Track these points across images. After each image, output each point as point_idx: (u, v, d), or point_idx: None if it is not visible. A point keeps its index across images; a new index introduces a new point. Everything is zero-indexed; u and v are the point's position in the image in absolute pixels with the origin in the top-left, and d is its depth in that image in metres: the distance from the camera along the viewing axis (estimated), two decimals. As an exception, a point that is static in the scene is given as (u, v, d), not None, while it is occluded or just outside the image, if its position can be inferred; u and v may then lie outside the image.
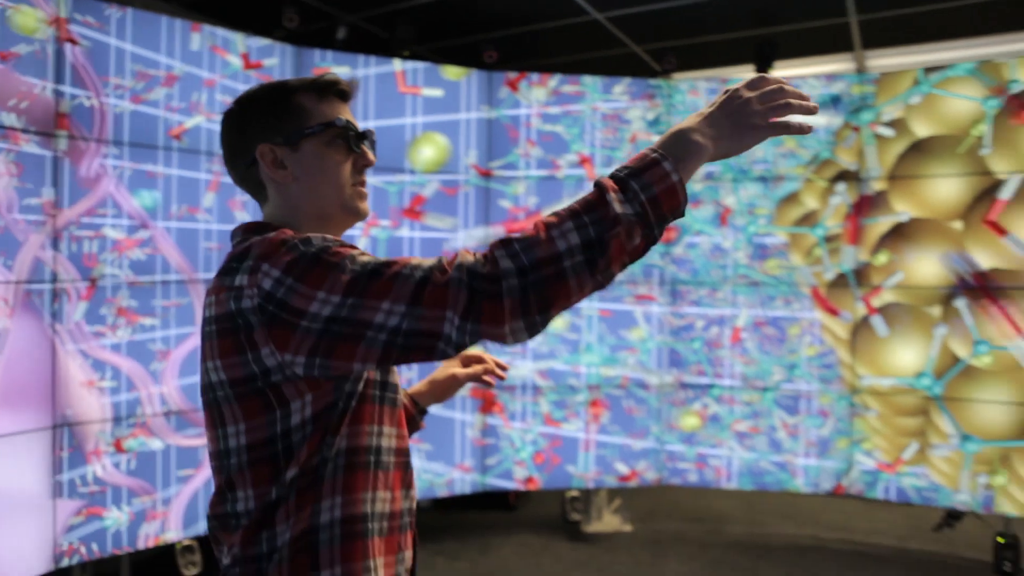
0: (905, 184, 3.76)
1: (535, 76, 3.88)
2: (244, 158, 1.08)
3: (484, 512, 4.42)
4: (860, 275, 3.85)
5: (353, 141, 1.09)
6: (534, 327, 0.87)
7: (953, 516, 3.79)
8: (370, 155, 1.11)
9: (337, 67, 3.48)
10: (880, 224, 3.80)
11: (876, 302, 3.81)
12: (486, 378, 1.39)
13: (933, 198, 3.71)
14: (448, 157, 3.78)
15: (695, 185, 3.96)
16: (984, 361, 3.59)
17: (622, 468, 4.00)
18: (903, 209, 3.76)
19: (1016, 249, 3.53)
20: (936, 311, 3.69)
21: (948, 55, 4.28)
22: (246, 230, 1.07)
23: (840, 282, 3.88)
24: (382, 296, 0.88)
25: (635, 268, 3.95)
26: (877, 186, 3.81)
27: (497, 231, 3.86)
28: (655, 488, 4.52)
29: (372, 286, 0.89)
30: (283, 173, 1.07)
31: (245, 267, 0.95)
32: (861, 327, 3.85)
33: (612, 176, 0.90)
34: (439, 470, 3.78)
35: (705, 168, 3.93)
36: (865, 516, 4.44)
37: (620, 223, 0.86)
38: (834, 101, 3.83)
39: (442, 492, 3.81)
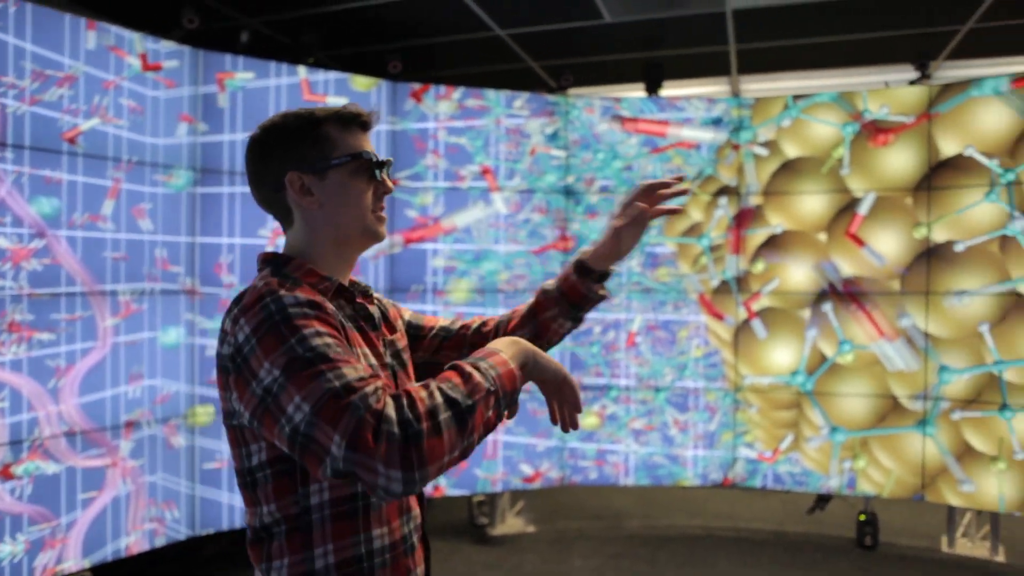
0: (778, 199, 4.14)
1: (441, 89, 3.96)
2: (271, 184, 1.14)
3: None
4: (741, 282, 4.20)
5: (375, 170, 1.15)
6: (412, 482, 0.87)
7: (823, 499, 4.20)
8: (389, 183, 1.18)
9: (246, 72, 3.40)
10: (758, 235, 4.17)
11: (755, 307, 4.17)
12: (668, 205, 1.32)
13: (802, 212, 4.12)
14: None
15: (592, 198, 4.17)
16: (847, 359, 4.02)
17: (527, 469, 4.14)
18: (777, 222, 4.14)
19: (872, 259, 3.98)
20: (807, 314, 4.10)
21: (813, 83, 4.75)
22: (263, 261, 1.15)
23: (723, 289, 4.21)
24: (300, 388, 0.92)
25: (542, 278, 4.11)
26: (754, 200, 4.17)
27: (398, 239, 3.90)
28: (555, 489, 4.69)
29: (299, 375, 0.93)
30: (310, 200, 1.12)
31: (232, 314, 1.02)
32: (742, 330, 4.20)
33: (466, 362, 1.00)
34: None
35: (600, 182, 4.15)
36: (747, 504, 4.83)
37: (472, 383, 0.96)
38: (715, 122, 4.16)
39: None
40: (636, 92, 4.38)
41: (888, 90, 3.96)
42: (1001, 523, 3.95)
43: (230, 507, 3.39)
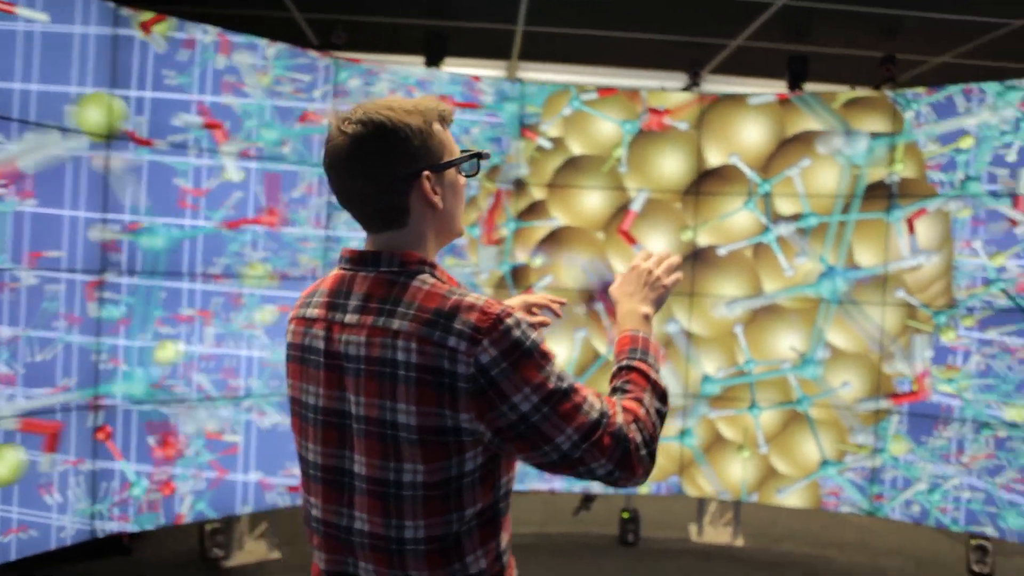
0: (560, 193, 4.02)
1: (210, 40, 3.18)
2: (395, 181, 1.11)
3: (92, 562, 3.51)
4: (517, 276, 4.00)
5: (477, 168, 1.22)
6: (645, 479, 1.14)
7: (588, 499, 4.18)
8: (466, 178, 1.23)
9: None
10: (539, 229, 4.01)
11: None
12: (553, 309, 1.48)
13: (582, 208, 4.03)
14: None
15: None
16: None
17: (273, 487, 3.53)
18: (557, 216, 4.01)
19: None
20: (581, 311, 4.02)
21: (590, 80, 4.72)
22: (406, 262, 1.12)
23: (501, 283, 3.99)
24: (568, 420, 1.05)
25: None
26: (538, 194, 4.00)
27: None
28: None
29: (563, 405, 1.05)
30: (438, 199, 1.14)
31: (461, 333, 1.04)
32: (519, 327, 4.01)
33: (639, 359, 1.21)
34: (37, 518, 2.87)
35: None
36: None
37: (660, 386, 1.20)
38: (504, 112, 3.90)
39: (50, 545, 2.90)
40: (415, 63, 3.96)
41: (665, 93, 4.03)
42: (742, 510, 4.23)
43: None
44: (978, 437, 3.53)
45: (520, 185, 4.00)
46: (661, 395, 1.18)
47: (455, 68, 4.55)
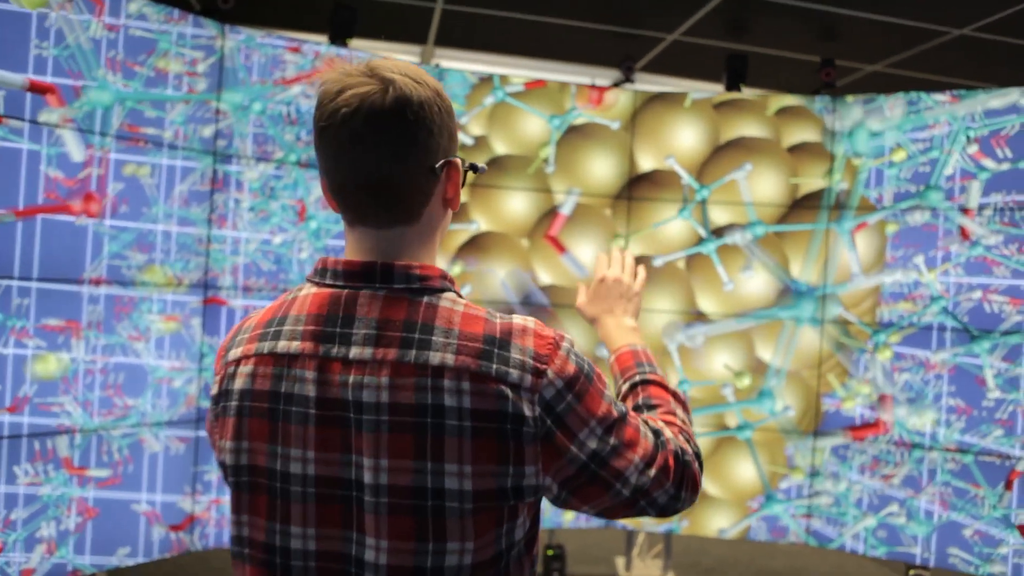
0: (482, 195, 3.60)
1: None
2: (429, 163, 0.89)
3: None
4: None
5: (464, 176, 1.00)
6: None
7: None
8: None
9: None
10: (458, 234, 3.58)
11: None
12: None
13: (505, 212, 3.63)
14: None
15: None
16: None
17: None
18: (478, 220, 3.59)
19: (572, 268, 3.66)
20: (503, 327, 3.62)
21: (517, 72, 4.31)
22: (429, 276, 0.90)
23: (415, 294, 3.53)
24: (633, 448, 0.91)
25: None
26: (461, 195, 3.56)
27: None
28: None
29: (626, 432, 0.91)
30: (457, 198, 0.96)
31: (524, 364, 0.85)
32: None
33: (650, 372, 1.13)
34: None
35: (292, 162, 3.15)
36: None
37: (679, 395, 1.12)
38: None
39: None
40: (319, 41, 3.43)
41: (596, 89, 3.68)
42: (673, 541, 3.94)
43: None
44: (903, 453, 3.37)
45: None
46: (684, 405, 1.11)
47: (364, 50, 4.06)
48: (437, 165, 0.90)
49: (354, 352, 0.84)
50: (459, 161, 0.94)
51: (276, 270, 3.15)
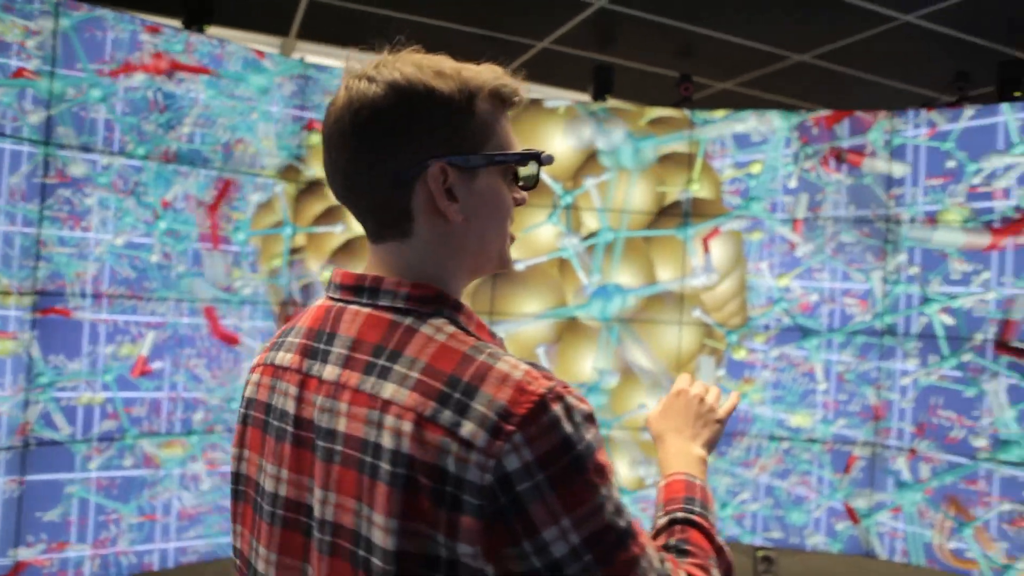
0: (354, 196, 3.45)
1: None
2: (396, 173, 0.78)
3: None
4: (309, 293, 3.37)
5: (535, 178, 0.86)
6: None
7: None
8: (524, 193, 0.88)
9: None
10: (332, 238, 3.41)
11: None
12: None
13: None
14: None
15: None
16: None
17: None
18: (342, 223, 3.45)
19: None
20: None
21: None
22: (418, 296, 0.78)
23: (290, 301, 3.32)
24: None
25: None
26: (335, 198, 3.40)
27: None
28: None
29: (617, 557, 0.70)
30: (454, 207, 0.80)
31: (483, 419, 0.68)
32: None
33: (699, 515, 0.90)
34: None
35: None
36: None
37: (725, 557, 0.89)
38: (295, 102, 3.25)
39: None
40: (173, 23, 3.13)
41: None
42: None
43: None
44: (769, 445, 3.64)
45: (314, 185, 3.36)
46: (727, 569, 0.88)
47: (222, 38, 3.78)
48: (403, 173, 0.78)
49: (327, 372, 0.78)
50: (441, 166, 0.78)
51: (137, 277, 2.83)
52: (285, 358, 0.84)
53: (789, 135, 3.63)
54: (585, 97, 3.90)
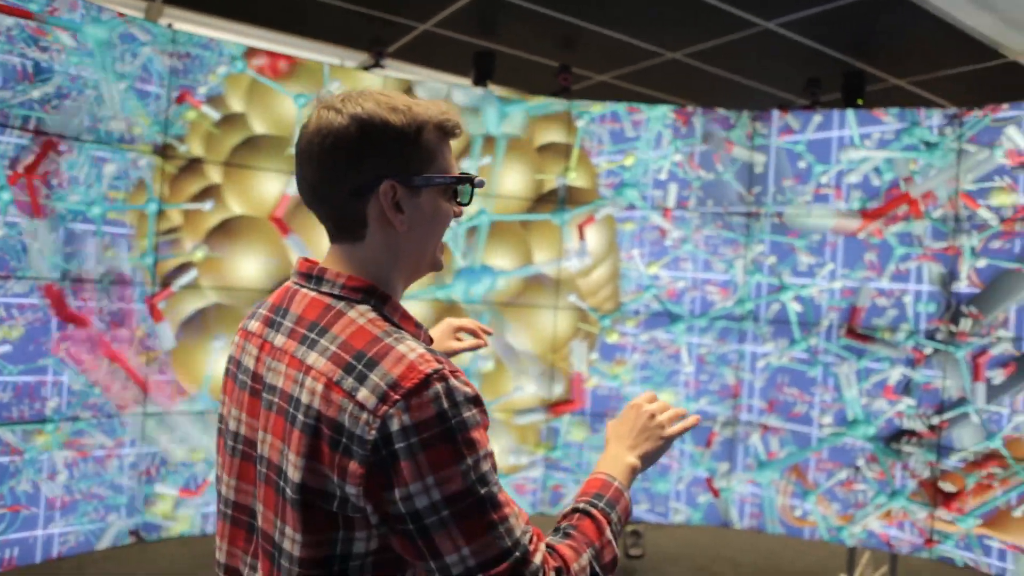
0: (236, 176, 3.31)
1: None
2: (353, 187, 0.96)
3: None
4: (158, 270, 3.20)
5: (468, 195, 1.03)
6: None
7: None
8: (459, 208, 1.05)
9: None
10: (207, 216, 3.25)
11: (163, 305, 3.22)
12: (480, 337, 1.45)
13: (258, 195, 3.38)
14: None
15: None
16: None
17: None
18: (234, 204, 3.30)
19: (295, 249, 3.48)
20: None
21: (260, 44, 3.99)
22: (359, 290, 0.96)
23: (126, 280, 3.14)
24: (468, 537, 0.84)
25: None
26: (215, 176, 3.24)
27: None
28: None
29: (470, 517, 0.84)
30: (400, 218, 0.98)
31: (375, 387, 0.85)
32: (156, 336, 3.21)
33: (600, 509, 1.02)
34: None
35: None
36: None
37: (612, 550, 0.99)
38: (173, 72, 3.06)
39: None
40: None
41: (350, 70, 3.58)
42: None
43: None
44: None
45: (194, 162, 3.18)
46: (607, 564, 0.99)
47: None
48: (360, 188, 0.96)
49: (277, 339, 0.98)
50: (391, 184, 0.96)
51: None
52: (254, 325, 1.05)
53: (661, 129, 3.81)
54: (466, 81, 3.92)
